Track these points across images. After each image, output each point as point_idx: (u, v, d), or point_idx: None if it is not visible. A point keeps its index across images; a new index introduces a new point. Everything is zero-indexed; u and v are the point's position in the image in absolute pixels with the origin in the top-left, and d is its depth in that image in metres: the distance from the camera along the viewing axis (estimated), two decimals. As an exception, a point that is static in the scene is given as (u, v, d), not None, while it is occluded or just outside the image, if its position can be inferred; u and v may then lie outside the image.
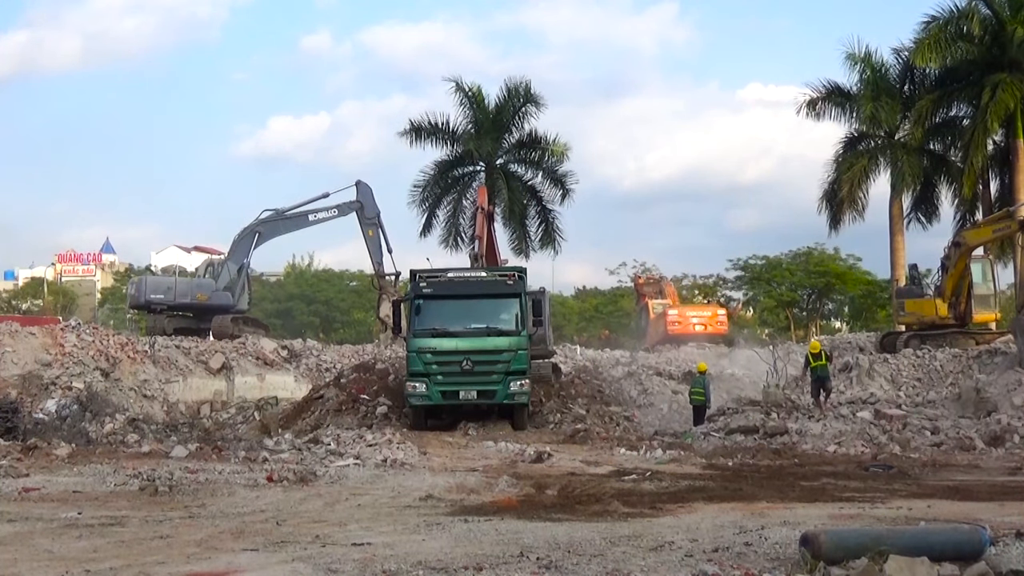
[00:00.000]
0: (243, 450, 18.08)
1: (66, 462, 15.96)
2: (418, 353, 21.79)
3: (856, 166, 35.63)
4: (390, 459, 16.41)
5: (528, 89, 37.26)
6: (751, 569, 7.53)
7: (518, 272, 23.25)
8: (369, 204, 36.83)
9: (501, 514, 10.55)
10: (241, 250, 37.24)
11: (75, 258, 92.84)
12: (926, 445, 18.28)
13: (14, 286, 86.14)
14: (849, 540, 7.55)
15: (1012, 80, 31.30)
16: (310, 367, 32.74)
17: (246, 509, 11.52)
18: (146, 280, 39.03)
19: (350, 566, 7.79)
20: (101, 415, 21.75)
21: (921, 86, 35.56)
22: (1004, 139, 33.54)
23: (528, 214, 37.82)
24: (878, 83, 35.16)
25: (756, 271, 61.95)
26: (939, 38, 32.14)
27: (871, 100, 34.44)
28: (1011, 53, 31.90)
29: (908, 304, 30.39)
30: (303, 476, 14.24)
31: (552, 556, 8.17)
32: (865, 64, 35.46)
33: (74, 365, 25.53)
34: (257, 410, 26.38)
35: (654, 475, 14.68)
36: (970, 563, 7.29)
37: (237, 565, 7.98)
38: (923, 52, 32.34)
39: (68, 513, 11.00)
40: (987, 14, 32.60)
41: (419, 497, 12.40)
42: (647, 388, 26.94)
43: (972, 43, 32.54)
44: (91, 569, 7.86)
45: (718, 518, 10.26)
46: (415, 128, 37.51)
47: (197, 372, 29.70)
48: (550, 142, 37.49)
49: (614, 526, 9.97)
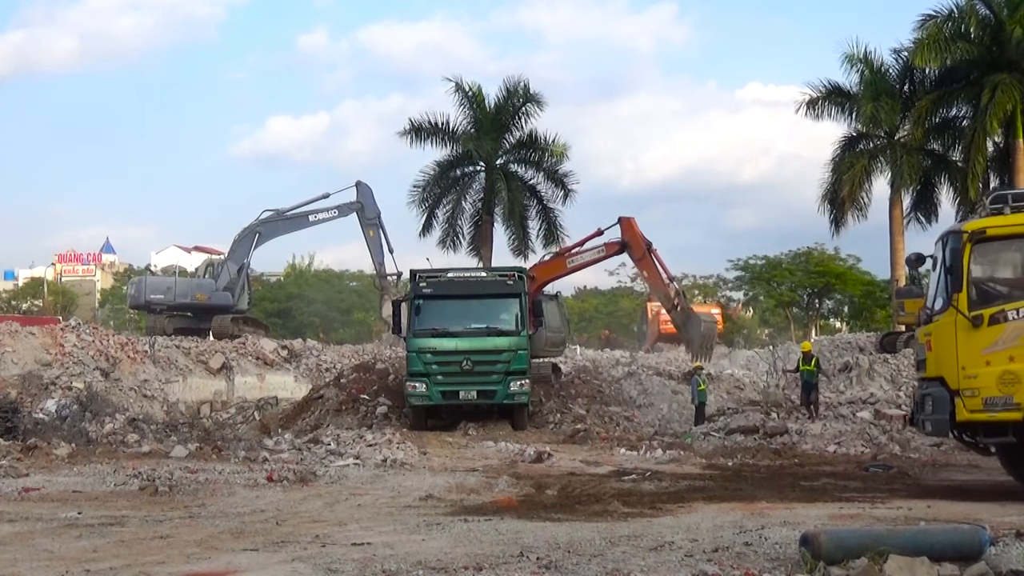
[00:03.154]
0: (243, 450, 18.09)
1: (66, 462, 15.97)
2: (418, 353, 21.80)
3: (856, 166, 35.60)
4: (390, 459, 16.42)
5: (528, 89, 37.26)
6: (751, 569, 7.53)
7: (518, 272, 23.26)
8: (369, 204, 36.85)
9: (501, 514, 10.55)
10: (241, 250, 37.27)
11: (75, 258, 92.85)
12: (926, 445, 18.27)
13: (14, 286, 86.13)
14: (849, 540, 7.55)
15: (1011, 80, 31.29)
16: (310, 367, 32.74)
17: (246, 509, 11.52)
18: (146, 280, 39.03)
19: (350, 566, 7.79)
20: (101, 415, 21.73)
21: (921, 86, 35.52)
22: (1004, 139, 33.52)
23: (529, 214, 37.81)
24: (878, 83, 35.11)
25: (756, 271, 61.95)
26: (938, 38, 32.11)
27: (871, 100, 34.39)
28: (1009, 53, 31.89)
29: (908, 304, 30.34)
30: (303, 476, 14.25)
31: (552, 556, 8.17)
32: (864, 64, 35.45)
33: (74, 365, 25.54)
34: (257, 410, 26.40)
35: (654, 475, 14.69)
36: (970, 563, 7.29)
37: (237, 565, 7.98)
38: (922, 52, 32.30)
39: (68, 513, 11.00)
40: (986, 14, 32.59)
41: (419, 497, 12.41)
42: (647, 388, 26.94)
43: (971, 43, 32.53)
44: (91, 569, 7.86)
45: (718, 518, 10.26)
46: (415, 128, 37.48)
47: (197, 372, 29.72)
48: (550, 142, 37.48)
49: (614, 526, 9.97)
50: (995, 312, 11.99)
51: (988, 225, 12.37)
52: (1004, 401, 11.84)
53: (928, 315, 13.16)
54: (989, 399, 11.89)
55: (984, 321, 11.95)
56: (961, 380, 12.04)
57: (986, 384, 11.89)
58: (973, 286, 12.16)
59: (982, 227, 12.34)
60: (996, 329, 11.95)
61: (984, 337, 11.96)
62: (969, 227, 12.40)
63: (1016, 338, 11.84)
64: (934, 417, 12.35)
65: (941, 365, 12.42)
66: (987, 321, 11.96)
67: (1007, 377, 11.81)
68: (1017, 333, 11.85)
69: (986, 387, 11.89)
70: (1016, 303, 12.04)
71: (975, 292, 12.16)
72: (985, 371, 11.91)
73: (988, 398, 11.89)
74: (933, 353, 12.68)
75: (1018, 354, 11.83)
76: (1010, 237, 12.41)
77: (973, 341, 11.98)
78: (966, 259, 12.11)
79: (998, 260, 12.64)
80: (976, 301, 12.10)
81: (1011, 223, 12.38)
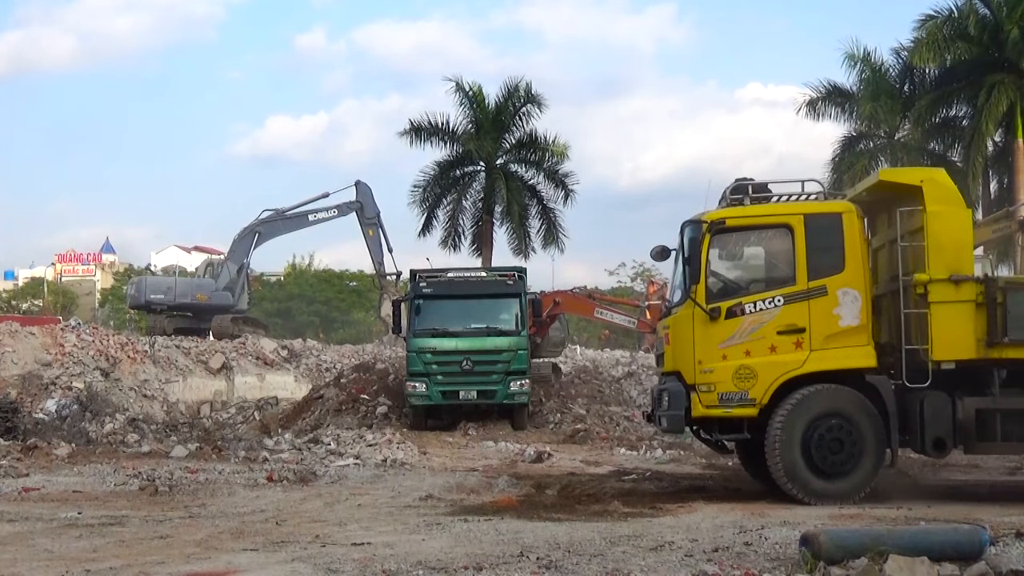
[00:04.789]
0: (243, 450, 18.11)
1: (66, 462, 15.99)
2: (418, 353, 21.80)
3: (856, 166, 35.57)
4: (390, 459, 16.43)
5: (529, 89, 37.22)
6: (751, 569, 7.53)
7: (518, 272, 23.27)
8: (369, 204, 36.86)
9: (501, 514, 10.55)
10: (241, 250, 37.27)
11: (75, 258, 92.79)
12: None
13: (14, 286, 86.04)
14: (849, 540, 7.55)
15: (1009, 80, 31.28)
16: (310, 367, 32.74)
17: (246, 509, 11.53)
18: (146, 280, 39.04)
19: (350, 566, 7.79)
20: (101, 415, 21.75)
21: (921, 86, 35.53)
22: (1003, 139, 33.52)
23: (529, 214, 37.79)
24: (878, 83, 35.10)
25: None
26: (937, 38, 32.11)
27: (871, 100, 34.38)
28: (1006, 53, 31.89)
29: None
30: (303, 476, 14.26)
31: (552, 556, 8.18)
32: (864, 64, 35.44)
33: (74, 365, 25.53)
34: (257, 410, 26.38)
35: (654, 475, 14.69)
36: (970, 563, 7.30)
37: (237, 565, 7.98)
38: (920, 52, 32.31)
39: (68, 513, 11.01)
40: (985, 13, 32.58)
41: (419, 497, 12.41)
42: (647, 388, 26.91)
43: (971, 43, 32.52)
44: (91, 569, 7.86)
45: (718, 518, 10.26)
46: (415, 128, 37.45)
47: (197, 372, 29.71)
48: (550, 142, 37.46)
49: (614, 526, 9.98)
50: (732, 305, 11.77)
51: (728, 216, 12.10)
52: (740, 397, 11.62)
53: (668, 308, 12.86)
54: (725, 395, 11.65)
55: (721, 314, 11.71)
56: (697, 375, 11.75)
57: (722, 379, 11.64)
58: (711, 278, 11.92)
59: (721, 217, 12.07)
60: (733, 322, 11.72)
61: (721, 331, 11.71)
62: (709, 217, 12.09)
63: (753, 332, 11.66)
64: (670, 413, 11.99)
65: (678, 359, 12.10)
66: (724, 314, 11.72)
67: (743, 372, 11.59)
68: (754, 327, 11.67)
69: (722, 382, 11.64)
70: (753, 296, 11.86)
71: (713, 284, 11.93)
72: (721, 365, 11.66)
73: (724, 393, 11.65)
74: (671, 347, 12.36)
75: (754, 348, 11.65)
76: (749, 228, 12.22)
77: (710, 335, 11.72)
78: (705, 250, 11.83)
79: (737, 252, 12.38)
80: (714, 293, 11.87)
81: (750, 214, 12.24)
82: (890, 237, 12.33)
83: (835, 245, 11.80)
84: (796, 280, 11.81)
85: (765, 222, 12.21)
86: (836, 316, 11.70)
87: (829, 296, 11.71)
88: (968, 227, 12.04)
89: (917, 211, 11.76)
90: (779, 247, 12.04)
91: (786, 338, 11.68)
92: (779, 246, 12.04)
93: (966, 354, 11.51)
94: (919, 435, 11.61)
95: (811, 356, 11.66)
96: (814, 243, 11.81)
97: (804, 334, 11.66)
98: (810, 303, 11.71)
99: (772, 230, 12.13)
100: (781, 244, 12.00)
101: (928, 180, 11.94)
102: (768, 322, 11.70)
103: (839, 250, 11.81)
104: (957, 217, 11.86)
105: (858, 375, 11.74)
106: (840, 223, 11.88)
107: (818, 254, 11.79)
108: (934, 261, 11.57)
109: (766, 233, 12.21)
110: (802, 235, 11.82)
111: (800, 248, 11.82)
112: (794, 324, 11.68)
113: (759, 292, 11.93)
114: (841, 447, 11.51)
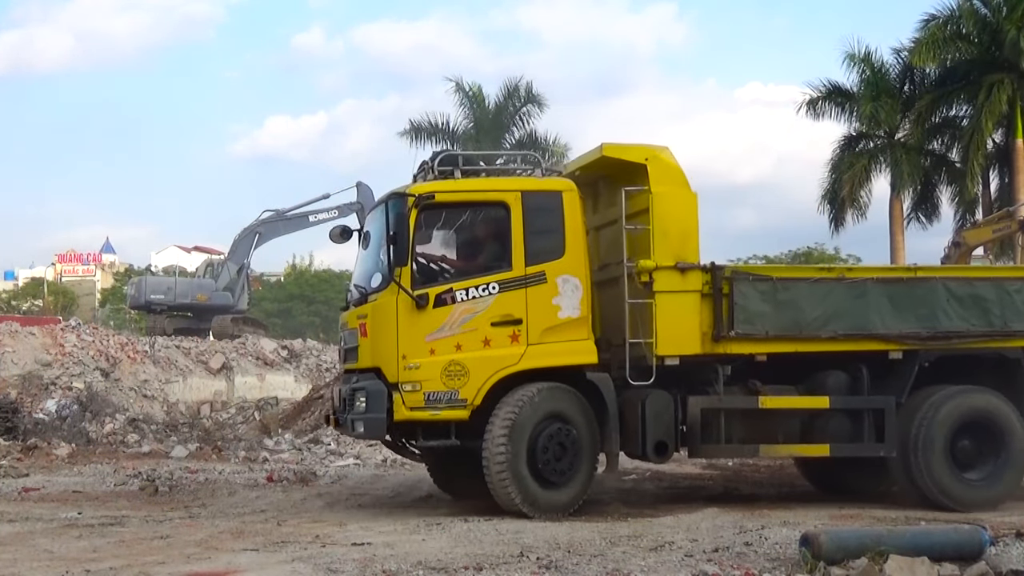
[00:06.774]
0: (243, 450, 18.12)
1: (66, 462, 16.01)
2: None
3: (857, 166, 35.58)
4: (390, 459, 16.42)
5: (529, 89, 37.27)
6: (751, 569, 7.53)
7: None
8: (369, 205, 36.74)
9: (501, 514, 10.55)
10: (241, 250, 37.30)
11: (75, 258, 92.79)
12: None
13: (14, 286, 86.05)
14: (849, 540, 7.56)
15: (1007, 80, 31.30)
16: (310, 367, 32.75)
17: (246, 509, 11.53)
18: (146, 280, 39.09)
19: (350, 566, 7.79)
20: (101, 415, 21.76)
21: (921, 86, 35.54)
22: (1004, 139, 33.53)
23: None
24: (878, 83, 35.10)
25: (756, 271, 61.83)
26: (937, 38, 32.13)
27: (871, 100, 34.38)
28: (1005, 53, 31.90)
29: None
30: (303, 476, 14.27)
31: (552, 556, 8.17)
32: (865, 64, 35.45)
33: (74, 365, 25.54)
34: (257, 410, 26.37)
35: (654, 475, 14.68)
36: (970, 563, 7.30)
37: (237, 565, 7.98)
38: (921, 52, 32.33)
39: (68, 513, 11.01)
40: (985, 13, 32.60)
41: (419, 497, 12.41)
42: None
43: (970, 43, 32.55)
44: (91, 569, 7.86)
45: (718, 518, 10.25)
46: (415, 128, 37.52)
47: (197, 372, 29.71)
48: (551, 143, 37.48)
49: (614, 526, 9.97)
50: (442, 292, 10.32)
51: (438, 189, 10.55)
52: (449, 397, 10.17)
53: (362, 295, 10.94)
54: (432, 394, 10.15)
55: (429, 302, 10.21)
56: (401, 371, 10.17)
57: (429, 376, 10.15)
58: (418, 260, 10.48)
59: (430, 191, 10.49)
60: (443, 311, 10.25)
61: (429, 321, 10.22)
62: (415, 190, 10.54)
63: (464, 323, 10.28)
64: (368, 416, 10.25)
65: (378, 354, 10.40)
66: (433, 302, 10.23)
67: (453, 369, 10.17)
68: (465, 317, 10.28)
69: (429, 380, 10.15)
70: (466, 282, 10.42)
71: (420, 267, 10.51)
72: (429, 361, 10.18)
73: (431, 393, 10.15)
74: (369, 339, 10.54)
75: (466, 342, 10.26)
76: (461, 205, 10.73)
77: (416, 325, 10.18)
78: (412, 227, 10.29)
79: (448, 230, 10.98)
80: (420, 278, 10.39)
81: (464, 188, 10.79)
82: (611, 218, 11.22)
83: (555, 227, 10.59)
84: (512, 265, 10.51)
85: (479, 199, 10.77)
86: (555, 307, 10.49)
87: (548, 284, 10.50)
88: (694, 211, 10.92)
89: (642, 192, 10.74)
90: (494, 228, 10.75)
91: (501, 330, 10.35)
92: (494, 227, 10.74)
93: (691, 349, 10.63)
94: (640, 438, 10.56)
95: (528, 351, 10.38)
96: (532, 224, 10.56)
97: (521, 326, 10.38)
98: (527, 291, 10.45)
99: (486, 208, 10.76)
100: (496, 224, 10.69)
101: (653, 158, 10.83)
102: (481, 312, 10.33)
103: (559, 233, 10.60)
104: (683, 199, 10.87)
105: (579, 372, 10.59)
106: (560, 202, 10.67)
107: (537, 237, 10.56)
108: (659, 246, 10.60)
109: (480, 211, 10.79)
110: (519, 214, 10.54)
111: (517, 229, 10.53)
112: (510, 315, 10.38)
113: (472, 278, 10.48)
114: (564, 452, 10.38)
